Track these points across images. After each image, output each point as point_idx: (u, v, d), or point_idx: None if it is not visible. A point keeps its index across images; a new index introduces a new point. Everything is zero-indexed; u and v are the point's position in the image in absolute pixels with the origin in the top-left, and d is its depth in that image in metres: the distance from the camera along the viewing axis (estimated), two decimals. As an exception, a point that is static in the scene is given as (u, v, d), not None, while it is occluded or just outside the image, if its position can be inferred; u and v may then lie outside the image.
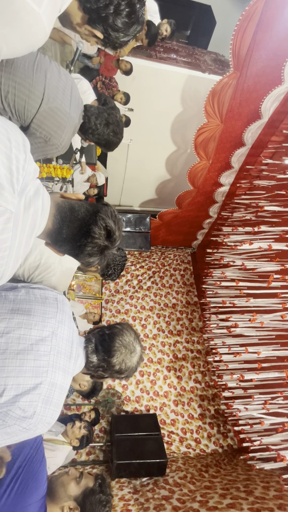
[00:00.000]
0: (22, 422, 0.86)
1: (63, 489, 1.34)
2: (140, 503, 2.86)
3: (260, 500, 2.64)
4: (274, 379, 3.04)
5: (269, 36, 2.85)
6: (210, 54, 4.45)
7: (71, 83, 1.37)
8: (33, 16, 0.85)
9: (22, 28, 0.87)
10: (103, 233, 0.90)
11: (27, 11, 0.84)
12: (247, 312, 3.29)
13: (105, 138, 1.60)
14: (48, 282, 1.46)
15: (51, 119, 1.30)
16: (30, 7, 0.83)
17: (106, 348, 1.06)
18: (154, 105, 4.36)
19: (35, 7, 0.84)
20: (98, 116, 1.55)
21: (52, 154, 1.43)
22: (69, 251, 0.95)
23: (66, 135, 1.38)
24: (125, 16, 1.02)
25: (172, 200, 4.96)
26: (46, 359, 0.91)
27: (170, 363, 4.68)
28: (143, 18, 1.09)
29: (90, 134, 1.57)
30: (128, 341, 1.08)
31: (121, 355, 1.06)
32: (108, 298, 5.02)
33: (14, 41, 0.90)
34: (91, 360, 1.05)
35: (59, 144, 1.38)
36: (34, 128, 1.29)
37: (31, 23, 0.87)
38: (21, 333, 0.90)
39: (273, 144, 3.72)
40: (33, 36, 0.92)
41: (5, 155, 0.78)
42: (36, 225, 0.86)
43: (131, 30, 1.06)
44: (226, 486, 2.98)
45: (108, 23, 1.04)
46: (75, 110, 1.40)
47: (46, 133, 1.31)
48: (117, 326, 1.12)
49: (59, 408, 0.94)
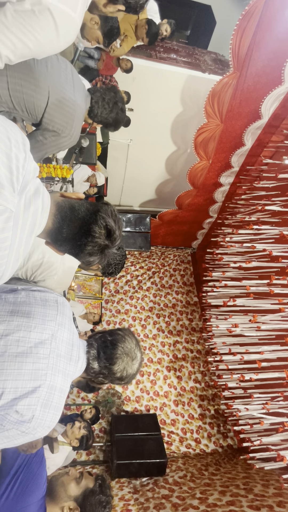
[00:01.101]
0: (20, 426, 0.85)
1: (63, 489, 1.34)
2: (140, 503, 2.86)
3: (259, 497, 2.64)
4: (274, 379, 3.04)
5: (269, 36, 2.84)
6: (210, 54, 4.45)
7: (70, 68, 1.42)
8: (71, 21, 1.04)
9: (65, 33, 1.05)
10: (103, 232, 0.89)
11: (68, 19, 1.02)
12: (247, 312, 3.29)
13: (114, 117, 1.66)
14: (50, 280, 1.47)
15: (61, 111, 1.34)
16: (69, 15, 1.01)
17: (108, 356, 1.04)
18: (154, 105, 4.36)
19: (73, 14, 1.02)
20: (104, 97, 1.59)
21: (66, 145, 1.49)
22: (69, 250, 0.94)
23: (77, 124, 1.44)
24: None
25: (172, 200, 4.96)
26: (46, 362, 0.90)
27: (170, 363, 4.68)
28: None
29: (99, 116, 1.61)
30: (130, 348, 1.07)
31: (122, 363, 1.04)
32: (108, 298, 5.02)
33: (56, 44, 1.07)
34: (93, 366, 1.04)
35: (72, 134, 1.44)
36: (46, 122, 1.34)
37: (69, 28, 1.05)
38: (20, 336, 0.89)
39: (273, 144, 3.73)
40: (70, 38, 1.09)
41: (5, 154, 0.78)
42: (36, 224, 0.86)
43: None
44: (226, 484, 2.99)
45: None
46: (80, 96, 1.45)
47: (59, 125, 1.37)
48: (119, 332, 1.10)
49: (59, 411, 0.92)
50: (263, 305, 3.09)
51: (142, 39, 3.27)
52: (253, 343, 3.24)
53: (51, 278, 1.46)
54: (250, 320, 3.13)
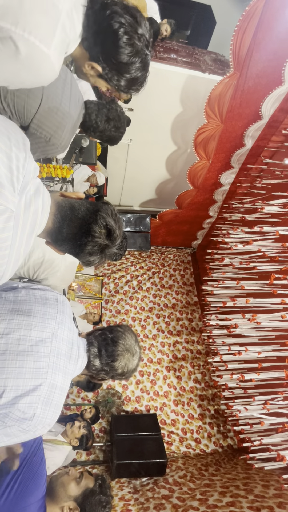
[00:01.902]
0: (22, 423, 0.86)
1: (63, 489, 1.34)
2: (140, 503, 2.85)
3: (260, 498, 2.64)
4: (274, 379, 3.04)
5: (270, 37, 2.84)
6: (210, 54, 4.44)
7: (70, 79, 1.36)
8: (42, 56, 0.89)
9: (32, 68, 0.91)
10: (103, 232, 0.90)
11: (37, 53, 0.87)
12: (247, 312, 3.29)
13: (107, 134, 1.60)
14: (53, 278, 1.47)
15: (51, 119, 1.29)
16: (39, 49, 0.86)
17: (110, 353, 1.06)
18: (154, 105, 4.36)
19: (45, 49, 0.87)
20: (98, 113, 1.55)
21: (53, 153, 1.42)
22: (69, 250, 0.94)
23: (66, 135, 1.37)
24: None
25: (172, 200, 4.96)
26: (46, 361, 0.91)
27: (170, 363, 4.68)
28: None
29: (92, 131, 1.57)
30: (130, 344, 1.09)
31: (124, 359, 1.06)
32: (108, 299, 5.02)
33: (24, 78, 0.94)
34: (94, 364, 1.05)
35: (59, 144, 1.37)
36: (34, 128, 1.28)
37: (40, 64, 0.90)
38: (21, 334, 0.90)
39: (273, 144, 3.73)
40: (42, 75, 0.96)
41: (5, 154, 0.78)
42: (36, 224, 0.86)
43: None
44: (226, 484, 2.98)
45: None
46: (75, 108, 1.39)
47: (46, 133, 1.31)
48: (119, 329, 1.12)
49: (59, 409, 0.94)
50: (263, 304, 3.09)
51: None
52: (253, 343, 3.24)
53: (54, 276, 1.46)
54: (249, 320, 3.12)
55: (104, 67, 1.03)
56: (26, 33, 0.82)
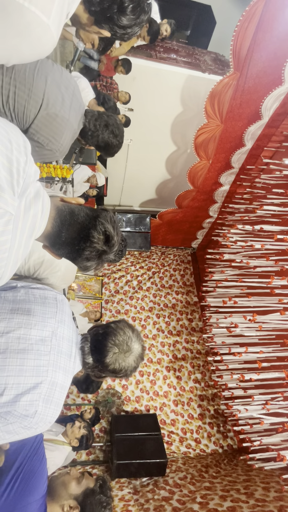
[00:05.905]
0: (24, 420, 0.87)
1: (64, 488, 1.34)
2: (140, 504, 2.85)
3: (260, 502, 2.62)
4: (274, 379, 3.04)
5: (270, 37, 2.85)
6: (210, 54, 4.44)
7: (73, 87, 1.36)
8: (43, 27, 0.87)
9: (32, 38, 0.89)
10: (101, 238, 0.90)
11: (37, 23, 0.86)
12: (247, 312, 3.29)
13: (104, 140, 1.60)
14: (54, 278, 1.48)
15: (50, 125, 1.29)
16: (40, 19, 0.85)
17: (99, 349, 1.05)
18: (154, 105, 4.36)
19: (45, 19, 0.86)
20: (97, 118, 1.55)
21: (50, 159, 1.43)
22: (67, 254, 0.95)
23: (64, 141, 1.38)
24: (130, 12, 1.03)
25: (172, 200, 4.96)
26: (47, 359, 0.92)
27: (170, 363, 4.68)
28: (149, 7, 1.08)
29: (89, 136, 1.57)
30: (122, 340, 1.05)
31: (113, 355, 1.03)
32: (108, 299, 5.02)
33: (24, 50, 0.92)
34: (87, 361, 1.04)
35: (57, 150, 1.38)
36: (32, 133, 1.29)
37: (40, 34, 0.89)
38: (21, 333, 0.91)
39: (273, 144, 3.73)
40: (43, 46, 0.94)
41: (6, 157, 0.78)
42: (35, 227, 0.86)
43: (138, 21, 1.07)
44: (226, 488, 2.97)
45: (114, 22, 1.05)
46: (74, 116, 1.39)
47: (44, 138, 1.31)
48: (111, 325, 1.09)
49: (60, 407, 0.95)
50: (263, 304, 3.10)
51: (143, 38, 3.26)
52: (253, 343, 3.25)
53: (55, 275, 1.46)
54: (249, 320, 3.13)
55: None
56: (26, 2, 0.81)
